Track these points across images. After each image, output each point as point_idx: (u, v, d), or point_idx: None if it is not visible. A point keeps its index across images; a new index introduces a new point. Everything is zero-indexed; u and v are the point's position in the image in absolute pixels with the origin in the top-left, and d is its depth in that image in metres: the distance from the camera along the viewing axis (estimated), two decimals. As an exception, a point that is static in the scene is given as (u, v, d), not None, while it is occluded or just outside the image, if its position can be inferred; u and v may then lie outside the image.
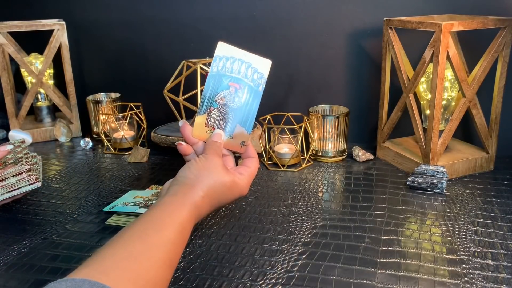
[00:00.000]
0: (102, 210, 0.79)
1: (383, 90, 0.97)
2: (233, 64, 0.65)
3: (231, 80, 0.65)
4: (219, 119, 0.66)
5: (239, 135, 0.66)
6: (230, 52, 0.65)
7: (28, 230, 0.74)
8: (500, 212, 0.76)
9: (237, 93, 0.65)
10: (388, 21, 0.92)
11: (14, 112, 1.16)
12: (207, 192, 0.58)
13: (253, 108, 0.66)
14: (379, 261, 0.63)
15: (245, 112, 0.66)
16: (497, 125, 0.91)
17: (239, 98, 0.65)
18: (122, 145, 1.09)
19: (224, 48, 0.65)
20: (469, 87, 0.86)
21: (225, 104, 0.65)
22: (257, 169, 0.66)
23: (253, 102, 0.66)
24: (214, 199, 0.59)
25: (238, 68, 0.65)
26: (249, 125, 0.66)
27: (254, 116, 0.66)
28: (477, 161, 0.91)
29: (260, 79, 0.66)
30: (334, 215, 0.76)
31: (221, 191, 0.60)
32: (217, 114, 0.65)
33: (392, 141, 1.02)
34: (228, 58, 0.65)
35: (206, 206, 0.58)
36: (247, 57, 0.65)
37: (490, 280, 0.58)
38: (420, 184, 0.84)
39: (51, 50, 1.16)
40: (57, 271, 0.62)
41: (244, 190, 0.63)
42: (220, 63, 0.65)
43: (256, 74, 0.65)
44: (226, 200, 0.61)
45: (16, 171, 0.74)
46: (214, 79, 0.65)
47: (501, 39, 0.85)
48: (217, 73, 0.65)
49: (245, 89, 0.65)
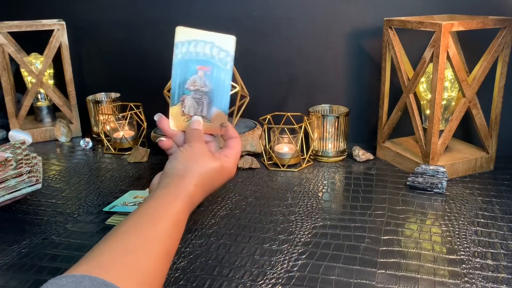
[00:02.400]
0: (102, 210, 0.79)
1: (383, 90, 0.97)
2: (196, 47, 0.64)
3: (198, 64, 0.64)
4: (193, 105, 0.65)
5: (217, 117, 0.66)
6: (191, 35, 0.63)
7: (28, 230, 0.74)
8: (500, 212, 0.76)
9: (207, 75, 0.64)
10: (388, 21, 0.92)
11: (14, 112, 1.16)
12: (199, 180, 0.58)
13: (225, 88, 0.65)
14: (379, 261, 0.63)
15: (219, 93, 0.65)
16: (497, 125, 0.91)
17: (209, 81, 0.65)
18: (122, 145, 1.09)
19: (184, 32, 0.64)
20: (469, 87, 0.86)
21: (197, 89, 0.65)
22: (240, 147, 0.67)
23: (224, 81, 0.65)
24: (206, 186, 0.60)
25: (203, 50, 0.64)
26: (225, 106, 0.66)
27: (229, 96, 0.66)
28: (477, 161, 0.91)
29: (227, 57, 0.64)
30: (334, 215, 0.76)
31: (211, 177, 0.60)
32: (191, 101, 0.65)
33: (392, 141, 1.02)
34: (191, 42, 0.64)
35: (199, 194, 0.58)
36: (209, 37, 0.64)
37: (490, 280, 0.58)
38: (420, 184, 0.84)
39: (51, 50, 1.15)
40: (57, 271, 0.62)
41: (232, 172, 0.64)
42: (183, 48, 0.64)
43: (222, 52, 0.64)
44: (217, 184, 0.62)
45: (17, 173, 0.74)
46: (181, 66, 0.64)
47: (501, 39, 0.85)
48: (182, 60, 0.64)
49: (213, 70, 0.64)
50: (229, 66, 0.64)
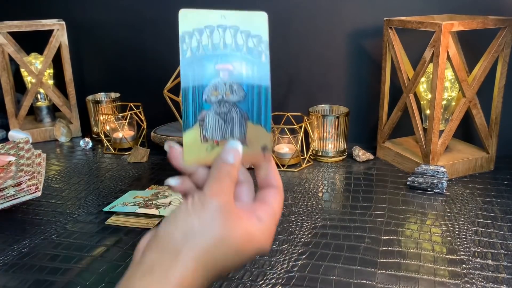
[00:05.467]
0: (102, 210, 0.79)
1: (383, 90, 0.97)
2: (211, 36, 0.43)
3: (218, 61, 0.44)
4: (219, 125, 0.45)
5: (257, 137, 0.45)
6: (203, 20, 0.43)
7: (28, 230, 0.73)
8: (500, 212, 0.76)
9: (233, 76, 0.44)
10: (388, 21, 0.91)
11: (14, 112, 1.16)
12: (201, 260, 0.37)
13: (263, 91, 0.44)
14: (379, 261, 0.63)
15: (254, 100, 0.44)
16: (497, 125, 0.91)
17: (238, 84, 0.44)
18: (122, 145, 1.09)
19: (192, 17, 0.44)
20: (469, 87, 0.86)
21: (221, 99, 0.44)
22: (282, 205, 0.44)
23: (261, 81, 0.44)
24: (212, 269, 0.38)
25: (222, 39, 0.44)
26: (266, 117, 0.44)
27: (269, 102, 0.44)
28: (477, 161, 0.91)
29: (259, 44, 0.44)
30: (334, 215, 0.76)
31: (225, 254, 0.39)
32: (214, 117, 0.44)
33: (392, 141, 1.02)
34: (203, 30, 0.43)
35: (199, 281, 0.38)
36: (230, 19, 0.44)
37: (490, 280, 0.58)
38: (420, 184, 0.84)
39: (51, 50, 1.15)
40: (57, 271, 0.62)
41: (265, 244, 0.41)
42: (194, 41, 0.44)
43: (251, 39, 0.44)
44: (234, 265, 0.40)
45: (16, 182, 0.73)
46: (192, 67, 0.43)
47: (501, 39, 0.85)
48: (193, 57, 0.44)
49: (242, 67, 0.44)
50: (264, 57, 0.44)
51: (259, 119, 0.44)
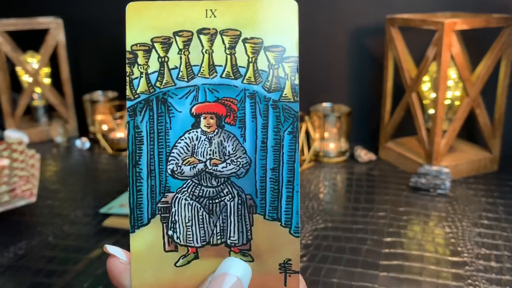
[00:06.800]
0: (99, 212, 0.78)
1: (385, 89, 0.96)
2: (194, 50, 0.25)
3: (203, 98, 0.26)
4: (198, 218, 0.26)
5: (272, 245, 0.26)
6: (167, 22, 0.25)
7: (24, 232, 0.72)
8: (504, 213, 0.75)
9: (231, 128, 0.26)
10: (391, 19, 0.90)
11: (10, 112, 1.15)
12: None
13: (286, 157, 0.25)
14: (382, 263, 0.62)
15: (267, 176, 0.26)
16: (501, 125, 0.90)
17: (236, 140, 0.26)
18: (120, 145, 1.08)
19: (148, 16, 0.25)
20: (473, 86, 0.85)
21: (202, 169, 0.26)
22: None
23: (286, 138, 0.25)
24: None
25: (210, 54, 0.26)
26: (291, 209, 0.26)
27: (297, 177, 0.26)
28: (481, 161, 0.90)
29: (285, 62, 0.25)
30: (335, 217, 0.75)
31: None
32: (189, 205, 0.26)
33: (394, 141, 1.01)
34: (169, 41, 0.25)
35: None
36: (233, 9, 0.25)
37: (494, 282, 0.57)
38: (423, 185, 0.83)
39: (47, 49, 1.14)
40: (53, 273, 0.61)
41: None
42: (152, 65, 0.25)
43: (271, 53, 0.25)
44: None
45: (9, 188, 0.72)
46: (148, 113, 0.26)
47: (504, 38, 0.83)
48: (151, 96, 0.25)
49: (250, 106, 0.25)
50: (290, 91, 0.25)
51: (276, 210, 0.25)
